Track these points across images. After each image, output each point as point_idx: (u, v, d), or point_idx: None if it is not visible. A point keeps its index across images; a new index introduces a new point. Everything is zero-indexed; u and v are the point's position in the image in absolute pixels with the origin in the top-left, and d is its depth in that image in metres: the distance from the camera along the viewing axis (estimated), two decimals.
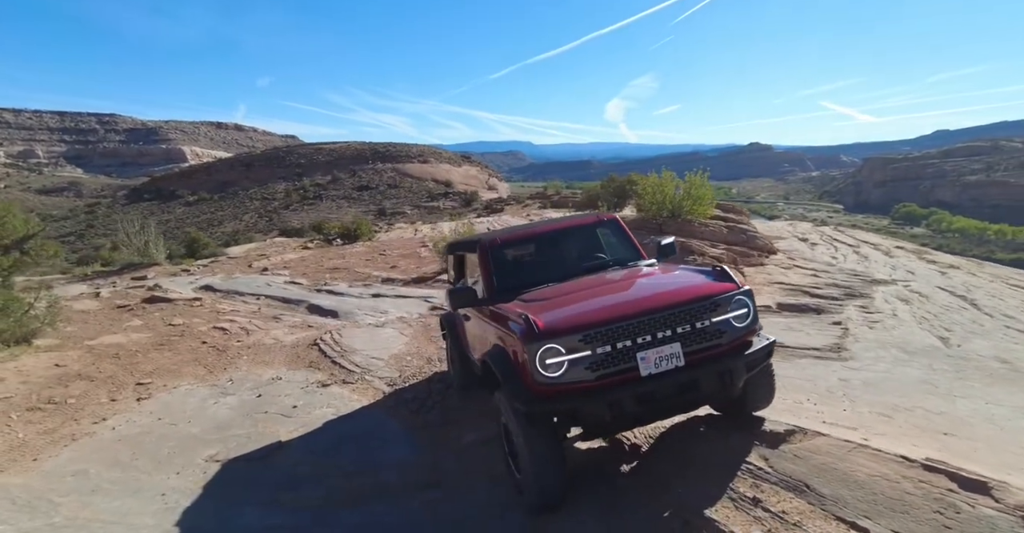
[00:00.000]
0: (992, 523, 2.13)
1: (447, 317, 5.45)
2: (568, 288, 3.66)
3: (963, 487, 2.37)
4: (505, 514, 3.41)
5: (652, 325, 2.96)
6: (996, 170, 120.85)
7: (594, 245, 4.49)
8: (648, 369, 2.93)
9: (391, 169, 70.21)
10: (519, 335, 2.97)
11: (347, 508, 3.72)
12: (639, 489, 3.28)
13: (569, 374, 2.88)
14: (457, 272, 5.36)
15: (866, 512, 2.44)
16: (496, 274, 4.05)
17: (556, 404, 2.89)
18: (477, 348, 4.36)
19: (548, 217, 25.92)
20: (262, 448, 4.54)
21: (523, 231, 4.47)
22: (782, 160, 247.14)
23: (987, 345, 6.59)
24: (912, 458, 2.67)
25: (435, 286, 11.29)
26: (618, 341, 2.92)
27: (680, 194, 10.40)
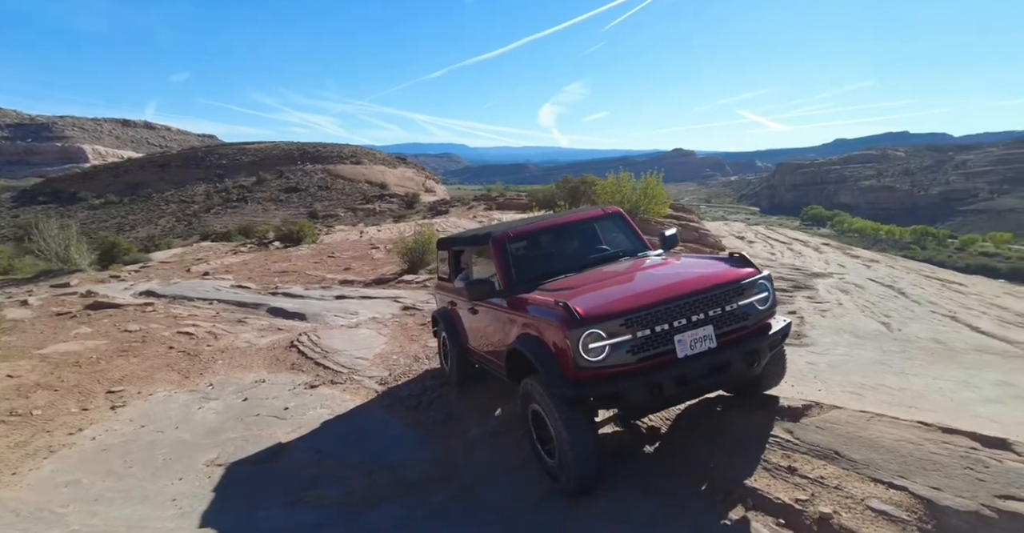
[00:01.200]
0: (1019, 473, 2.43)
1: (441, 313, 5.43)
2: (590, 277, 3.73)
3: (985, 445, 2.69)
4: (542, 501, 3.45)
5: (688, 309, 3.08)
6: (885, 176, 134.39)
7: (602, 237, 4.59)
8: (684, 351, 3.05)
9: (322, 170, 67.60)
10: (559, 322, 3.01)
11: (373, 505, 3.63)
12: (670, 467, 3.43)
13: (611, 358, 2.94)
14: (453, 268, 5.30)
15: (900, 472, 2.70)
16: (513, 266, 4.06)
17: (599, 388, 2.95)
18: (484, 340, 4.39)
19: (497, 218, 26.07)
20: (264, 451, 4.34)
21: (533, 224, 4.49)
22: (704, 165, 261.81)
23: (922, 328, 7.35)
24: (929, 423, 2.99)
25: (399, 287, 11.10)
26: (657, 325, 3.02)
27: (637, 193, 10.84)
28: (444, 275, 5.53)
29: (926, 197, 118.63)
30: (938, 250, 76.63)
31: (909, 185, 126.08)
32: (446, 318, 5.24)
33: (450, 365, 5.34)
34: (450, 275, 5.29)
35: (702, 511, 2.92)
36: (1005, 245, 78.70)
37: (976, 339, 6.92)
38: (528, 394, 3.40)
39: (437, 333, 5.66)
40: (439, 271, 5.78)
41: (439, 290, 5.68)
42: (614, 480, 3.33)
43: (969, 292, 10.01)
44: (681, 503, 3.03)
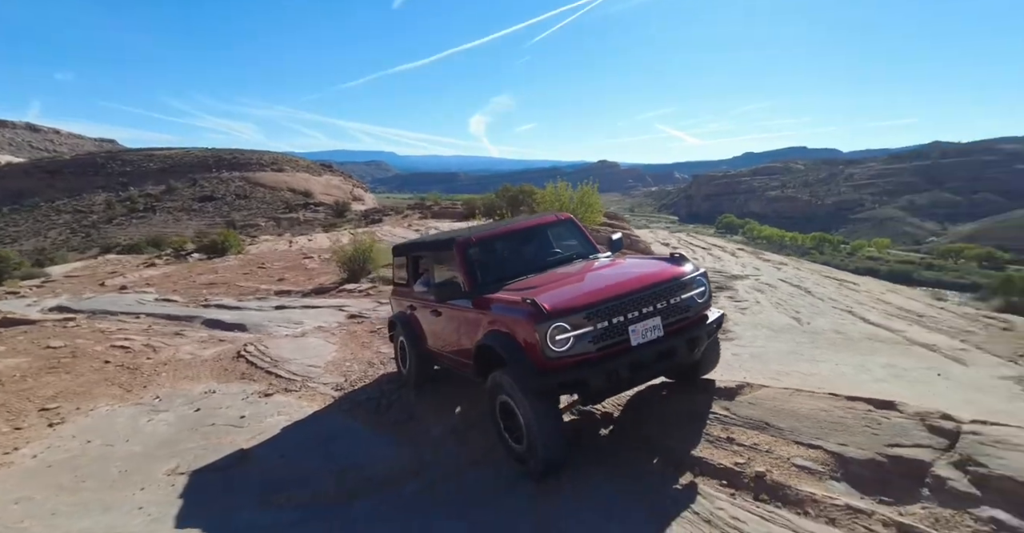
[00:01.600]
0: (902, 426, 3.02)
1: (399, 317, 5.54)
2: (550, 277, 4.02)
3: (877, 407, 3.28)
4: (510, 486, 3.72)
5: (639, 302, 3.44)
6: (788, 187, 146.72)
7: (556, 240, 4.88)
8: (637, 340, 3.40)
9: (240, 178, 63.90)
10: (528, 317, 3.27)
11: (344, 503, 3.74)
12: (625, 445, 3.81)
13: (575, 348, 3.25)
14: (411, 273, 5.41)
15: (816, 435, 3.24)
16: (477, 269, 4.27)
17: (565, 375, 3.24)
18: (448, 340, 4.58)
19: (434, 227, 26.06)
20: (227, 457, 4.31)
21: (494, 230, 4.72)
22: (627, 176, 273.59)
23: (826, 322, 8.33)
24: (838, 393, 3.57)
25: (341, 296, 10.97)
26: (613, 317, 3.35)
27: (574, 202, 11.43)
28: (401, 281, 5.63)
29: (822, 206, 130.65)
30: (833, 254, 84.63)
31: (808, 195, 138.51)
32: (404, 322, 5.36)
33: (409, 368, 5.44)
34: (408, 280, 5.40)
35: (656, 481, 3.32)
36: (886, 250, 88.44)
37: (868, 329, 7.96)
38: (497, 386, 3.61)
39: (394, 337, 5.74)
40: (395, 277, 5.86)
41: (396, 296, 5.77)
42: (576, 461, 3.65)
43: (861, 290, 11.38)
44: (637, 476, 3.41)
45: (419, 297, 5.10)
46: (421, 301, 5.05)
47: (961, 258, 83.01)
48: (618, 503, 3.11)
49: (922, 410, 3.10)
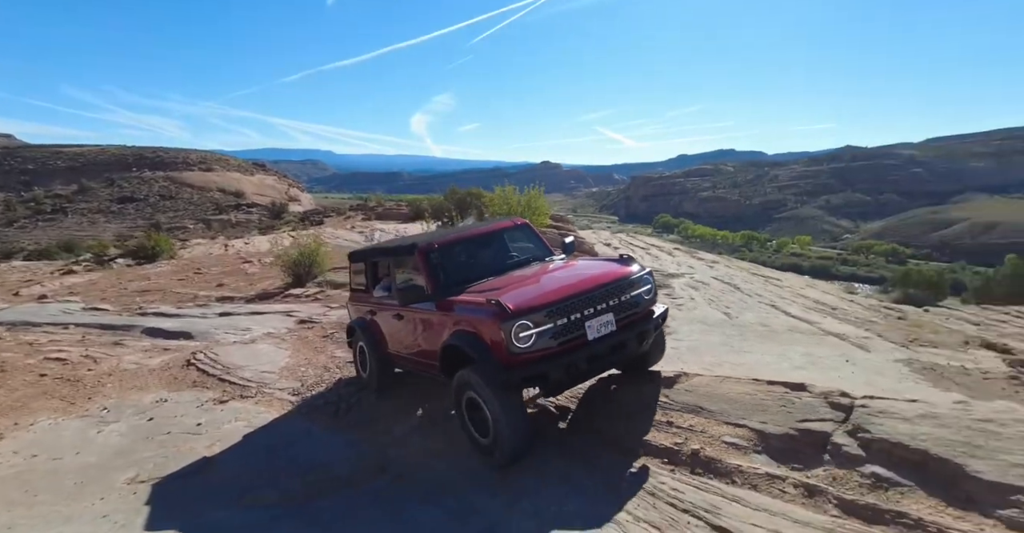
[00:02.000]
0: (811, 405, 3.53)
1: (358, 323, 5.61)
2: (510, 279, 4.24)
3: (791, 389, 3.79)
4: (473, 476, 3.98)
5: (594, 300, 3.71)
6: (718, 188, 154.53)
7: (513, 244, 5.09)
8: (593, 334, 3.67)
9: (164, 178, 59.93)
10: (492, 316, 3.47)
11: (313, 500, 3.88)
12: (581, 435, 4.16)
13: (537, 344, 3.48)
14: (370, 278, 5.47)
15: (742, 415, 3.71)
16: (440, 272, 4.40)
17: (529, 370, 3.46)
18: (411, 343, 4.72)
19: (379, 229, 25.77)
20: (190, 465, 4.32)
21: (455, 235, 4.85)
22: (569, 177, 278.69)
23: (753, 316, 9.11)
24: (760, 379, 4.07)
25: (288, 301, 10.82)
26: (571, 314, 3.61)
27: (522, 206, 11.81)
28: (360, 286, 5.70)
29: (750, 206, 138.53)
30: (761, 251, 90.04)
31: (737, 196, 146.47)
32: (364, 327, 5.44)
33: (369, 372, 5.52)
34: (367, 286, 5.47)
35: (608, 464, 3.69)
36: (807, 247, 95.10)
37: (789, 322, 8.78)
38: (464, 384, 3.78)
39: (352, 343, 5.81)
40: (352, 283, 5.95)
41: (354, 302, 5.84)
42: (536, 451, 3.95)
43: (784, 286, 12.42)
44: (593, 460, 3.77)
45: (380, 302, 5.20)
46: (382, 306, 5.14)
47: (872, 254, 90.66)
48: (577, 481, 3.45)
49: (826, 390, 3.64)
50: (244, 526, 3.39)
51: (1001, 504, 2.19)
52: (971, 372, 5.93)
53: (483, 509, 3.26)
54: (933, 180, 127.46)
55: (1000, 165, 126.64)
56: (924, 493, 2.48)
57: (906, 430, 2.84)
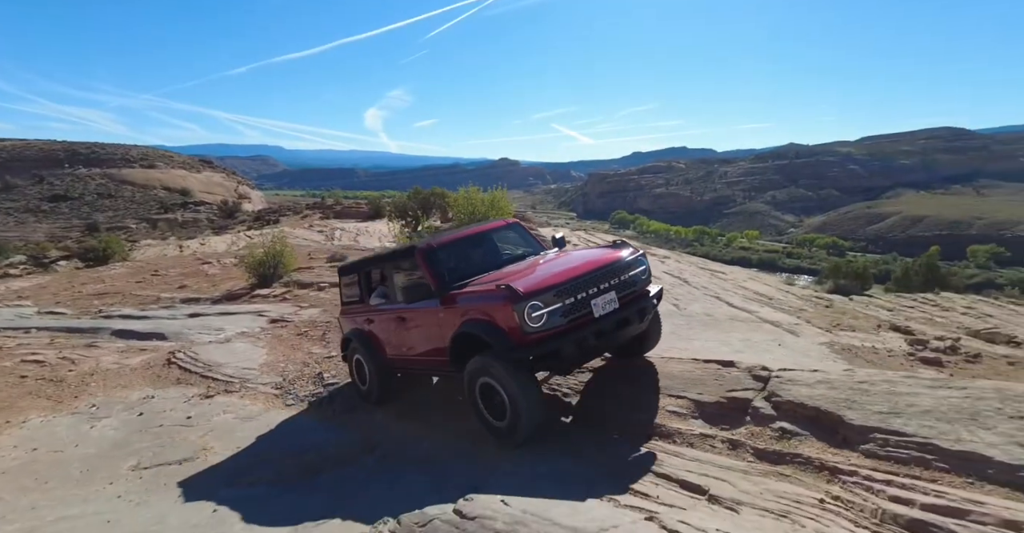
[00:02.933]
0: (737, 378, 4.24)
1: (354, 335, 5.62)
2: (511, 271, 4.45)
3: (722, 366, 4.49)
4: (459, 453, 4.47)
5: (597, 279, 3.96)
6: (671, 185, 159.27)
7: (507, 242, 5.31)
8: (599, 311, 3.90)
9: (101, 175, 56.60)
10: (505, 300, 3.67)
11: (308, 478, 4.30)
12: (586, 424, 4.29)
13: (549, 322, 3.69)
14: (364, 288, 5.57)
15: (683, 389, 4.37)
16: (442, 270, 4.54)
17: (543, 347, 3.66)
18: (415, 343, 4.84)
19: (339, 228, 25.69)
20: (187, 452, 4.65)
21: (453, 236, 5.03)
22: (527, 174, 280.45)
23: (699, 307, 9.94)
24: (698, 358, 4.77)
25: (257, 301, 10.98)
26: (578, 293, 3.84)
27: (485, 205, 12.31)
28: (352, 299, 5.80)
29: (702, 202, 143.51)
30: (712, 246, 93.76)
31: (689, 192, 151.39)
32: (361, 338, 5.50)
33: (370, 384, 5.52)
34: (361, 296, 5.60)
35: (581, 439, 4.24)
36: (755, 241, 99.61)
37: (731, 312, 9.67)
38: (478, 370, 3.94)
39: (348, 357, 5.80)
40: (343, 297, 6.01)
41: (347, 315, 5.90)
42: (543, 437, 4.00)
43: (728, 278, 13.43)
44: (580, 441, 4.02)
45: (377, 309, 5.34)
46: (380, 312, 5.27)
47: (814, 247, 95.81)
48: (552, 454, 3.98)
49: (750, 365, 4.35)
50: (251, 499, 3.80)
51: (864, 441, 2.90)
52: (879, 351, 6.88)
53: (466, 474, 3.79)
54: (868, 176, 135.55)
55: (925, 163, 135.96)
56: (815, 439, 3.19)
57: (806, 393, 3.56)
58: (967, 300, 9.95)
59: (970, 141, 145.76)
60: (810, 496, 2.67)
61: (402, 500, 3.34)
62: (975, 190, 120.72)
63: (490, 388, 3.92)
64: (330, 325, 8.33)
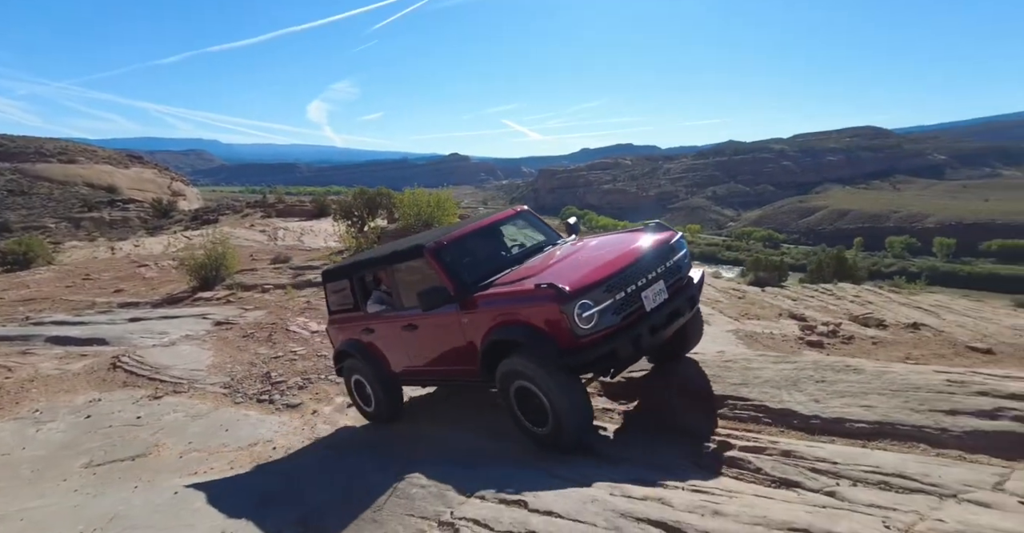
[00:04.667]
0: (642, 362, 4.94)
1: (351, 346, 5.02)
2: (538, 265, 3.94)
3: None
4: (398, 436, 4.93)
5: (646, 269, 3.54)
6: (618, 181, 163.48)
7: (521, 233, 4.79)
8: (650, 304, 3.49)
9: (12, 170, 52.48)
10: (550, 300, 3.22)
11: (260, 467, 4.66)
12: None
13: (601, 322, 3.26)
14: (360, 294, 4.93)
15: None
16: (459, 270, 4.03)
17: (597, 350, 3.23)
18: (431, 352, 4.30)
19: (282, 228, 25.28)
20: (139, 449, 4.93)
21: (459, 231, 4.41)
22: (478, 170, 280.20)
23: None
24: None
25: (200, 305, 11.00)
26: (628, 286, 3.41)
27: (431, 206, 12.74)
28: (343, 306, 5.15)
29: (647, 198, 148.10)
30: None
31: (635, 188, 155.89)
32: (360, 350, 4.91)
33: (376, 404, 5.00)
34: (356, 303, 4.95)
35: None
36: (697, 234, 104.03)
37: None
38: (512, 373, 3.50)
39: (344, 371, 5.26)
40: (331, 305, 5.33)
41: (338, 324, 5.27)
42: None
43: None
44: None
45: (378, 317, 4.73)
46: (382, 321, 4.68)
47: (751, 239, 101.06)
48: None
49: None
50: (205, 484, 4.16)
51: (720, 407, 3.62)
52: (775, 336, 7.84)
53: (400, 455, 4.29)
54: (800, 172, 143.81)
55: (850, 159, 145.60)
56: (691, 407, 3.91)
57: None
58: (856, 289, 11.25)
59: (887, 140, 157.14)
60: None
61: (352, 476, 3.81)
62: (892, 185, 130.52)
63: (527, 392, 3.50)
64: (276, 326, 8.59)
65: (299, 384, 6.44)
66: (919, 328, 8.47)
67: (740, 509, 2.31)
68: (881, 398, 3.26)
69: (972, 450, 2.66)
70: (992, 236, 79.58)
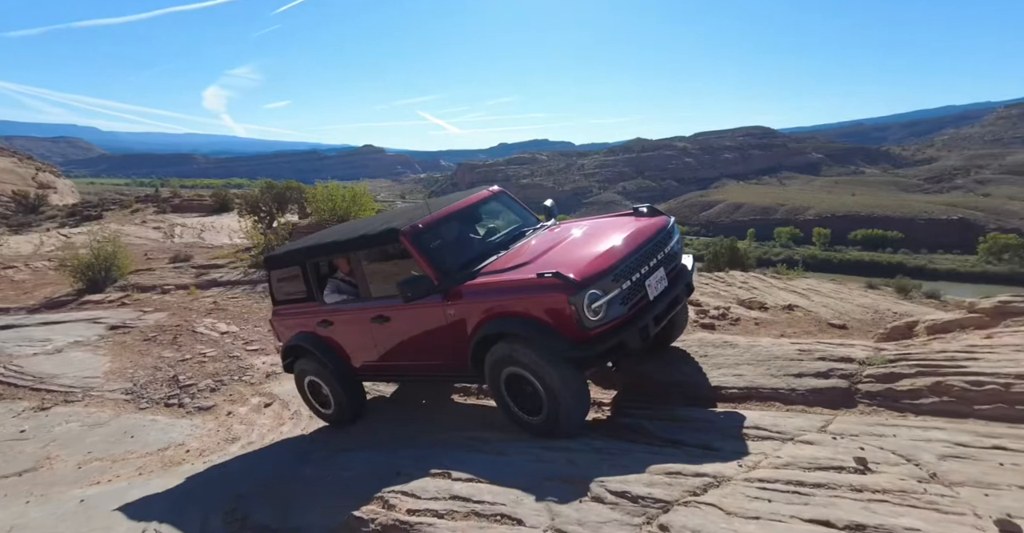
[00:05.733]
0: None
1: (306, 340, 4.47)
2: (528, 252, 3.65)
3: None
4: (317, 432, 4.98)
5: (648, 256, 3.40)
6: (536, 175, 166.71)
7: (499, 216, 4.47)
8: (653, 293, 3.36)
9: None
10: (555, 291, 2.99)
11: (172, 469, 4.52)
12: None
13: (610, 313, 3.08)
14: (314, 283, 4.42)
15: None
16: (442, 256, 3.71)
17: (605, 342, 3.05)
18: (407, 346, 3.92)
19: (179, 224, 23.44)
20: (28, 463, 4.62)
21: (436, 214, 3.97)
22: (394, 162, 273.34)
23: None
24: None
25: (88, 308, 10.11)
26: (633, 274, 3.25)
27: (347, 201, 12.48)
28: (294, 296, 4.59)
29: (563, 192, 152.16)
30: None
31: (552, 183, 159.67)
32: (317, 345, 4.40)
33: (336, 407, 4.54)
34: (311, 292, 4.44)
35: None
36: None
37: None
38: (503, 359, 3.27)
39: (296, 369, 4.68)
40: (279, 295, 4.75)
41: (288, 317, 4.69)
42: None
43: None
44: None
45: (339, 309, 4.28)
46: (344, 313, 4.24)
47: None
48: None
49: None
50: (121, 489, 4.00)
51: (622, 381, 4.14)
52: None
53: (330, 446, 4.37)
54: (700, 168, 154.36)
55: (742, 157, 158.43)
56: (592, 383, 4.36)
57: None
58: (745, 276, 12.54)
59: (775, 139, 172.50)
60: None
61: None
62: (779, 181, 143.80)
63: (519, 379, 3.29)
64: (181, 329, 8.16)
65: (211, 387, 6.25)
66: (793, 309, 9.66)
67: (630, 463, 2.72)
68: (749, 367, 3.86)
69: (811, 404, 3.29)
70: (858, 227, 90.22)
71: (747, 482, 2.39)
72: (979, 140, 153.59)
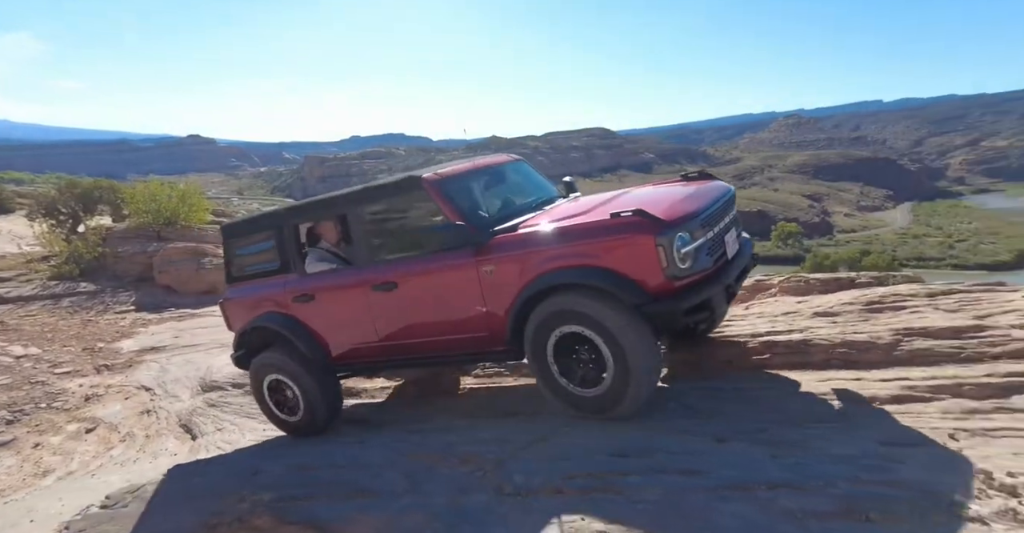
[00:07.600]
0: None
1: (273, 320, 3.68)
2: (575, 206, 3.25)
3: None
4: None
5: (724, 210, 3.01)
6: (393, 170, 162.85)
7: (522, 183, 3.96)
8: (731, 251, 2.96)
9: None
10: (639, 230, 2.55)
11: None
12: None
13: (699, 263, 2.65)
14: (291, 252, 3.71)
15: None
16: (474, 209, 3.27)
17: (692, 297, 2.59)
18: (419, 318, 3.28)
19: None
20: None
21: (462, 167, 3.56)
22: (228, 154, 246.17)
23: None
24: None
25: None
26: (715, 225, 2.84)
27: (174, 200, 11.28)
28: (264, 268, 3.84)
29: None
30: None
31: None
32: (291, 328, 3.60)
33: (308, 406, 3.66)
34: (289, 262, 3.71)
35: None
36: None
37: None
38: (559, 315, 2.71)
39: (254, 372, 3.84)
40: (234, 269, 4.03)
41: (249, 296, 3.88)
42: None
43: None
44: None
45: (327, 277, 3.59)
46: (334, 281, 3.55)
47: None
48: None
49: None
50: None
51: None
52: None
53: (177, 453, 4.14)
54: (551, 166, 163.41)
55: (588, 156, 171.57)
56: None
57: None
58: None
59: (614, 140, 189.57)
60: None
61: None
62: (619, 178, 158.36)
63: (574, 341, 2.73)
64: None
65: (7, 418, 5.42)
66: None
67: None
68: None
69: None
70: None
71: None
72: (769, 144, 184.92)
